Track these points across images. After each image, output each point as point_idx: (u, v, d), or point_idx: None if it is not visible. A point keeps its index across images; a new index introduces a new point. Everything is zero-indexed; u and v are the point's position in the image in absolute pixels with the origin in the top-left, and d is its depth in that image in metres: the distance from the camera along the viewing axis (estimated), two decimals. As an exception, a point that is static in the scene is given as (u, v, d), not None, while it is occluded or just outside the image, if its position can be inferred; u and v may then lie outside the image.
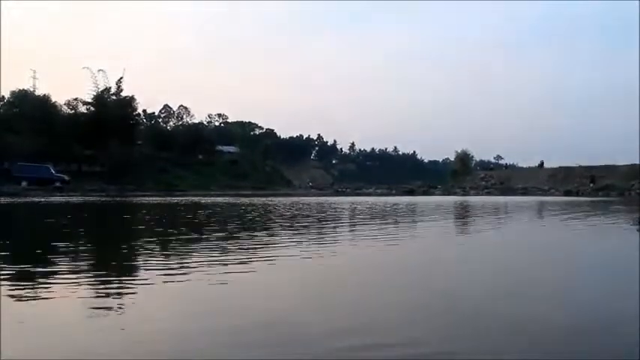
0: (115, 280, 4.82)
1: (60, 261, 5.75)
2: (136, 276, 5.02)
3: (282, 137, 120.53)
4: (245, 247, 7.55)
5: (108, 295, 4.13)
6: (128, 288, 4.39)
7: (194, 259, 5.86)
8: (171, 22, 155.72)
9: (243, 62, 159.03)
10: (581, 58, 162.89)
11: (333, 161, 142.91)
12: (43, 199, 23.07)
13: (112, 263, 5.90)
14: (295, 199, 27.63)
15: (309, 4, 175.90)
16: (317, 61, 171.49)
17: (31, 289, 4.33)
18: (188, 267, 5.35)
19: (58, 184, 36.31)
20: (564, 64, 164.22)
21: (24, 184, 33.89)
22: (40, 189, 32.08)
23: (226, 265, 5.62)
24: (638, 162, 45.68)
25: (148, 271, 5.10)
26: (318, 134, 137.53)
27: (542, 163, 63.22)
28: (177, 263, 5.68)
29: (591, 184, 46.15)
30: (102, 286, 4.42)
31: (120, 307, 3.70)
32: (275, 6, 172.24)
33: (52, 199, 24.01)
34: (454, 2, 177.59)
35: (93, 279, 4.75)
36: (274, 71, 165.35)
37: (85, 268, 5.39)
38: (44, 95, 50.53)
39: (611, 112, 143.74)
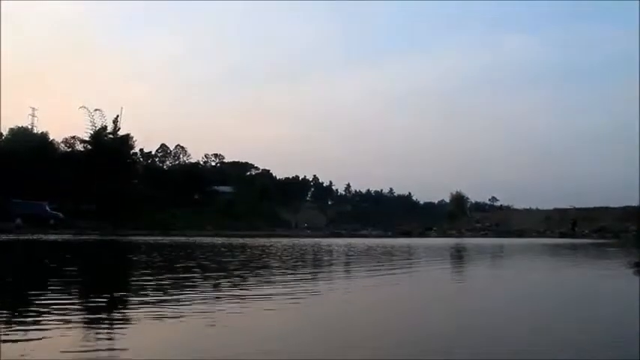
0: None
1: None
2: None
3: (278, 178, 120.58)
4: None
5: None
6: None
7: (188, 304, 5.82)
8: (168, 62, 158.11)
9: (241, 103, 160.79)
10: (576, 99, 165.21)
11: (329, 202, 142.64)
12: (34, 237, 22.93)
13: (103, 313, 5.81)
14: (287, 240, 27.39)
15: (308, 43, 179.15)
16: (314, 102, 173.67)
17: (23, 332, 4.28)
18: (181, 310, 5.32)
19: (52, 221, 36.07)
20: (559, 105, 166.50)
21: (18, 221, 33.63)
22: (34, 226, 31.85)
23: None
24: (631, 204, 45.99)
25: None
26: (314, 175, 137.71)
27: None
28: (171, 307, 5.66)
29: (574, 228, 46.86)
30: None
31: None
32: (274, 46, 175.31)
33: (44, 236, 23.86)
34: (450, 47, 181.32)
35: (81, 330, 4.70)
36: (271, 111, 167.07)
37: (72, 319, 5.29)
38: (42, 133, 50.92)
39: (607, 154, 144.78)
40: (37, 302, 5.72)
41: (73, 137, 53.02)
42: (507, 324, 5.29)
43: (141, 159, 74.46)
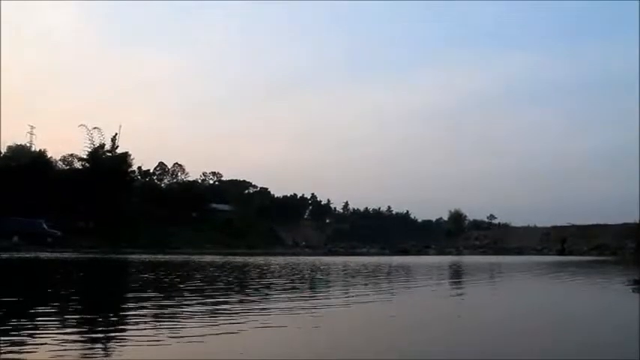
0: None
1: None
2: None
3: (276, 196, 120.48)
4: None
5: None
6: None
7: (184, 327, 5.79)
8: (166, 82, 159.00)
9: (239, 121, 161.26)
10: (575, 117, 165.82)
11: (327, 220, 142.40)
12: (31, 255, 22.83)
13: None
14: (286, 259, 27.18)
15: (307, 62, 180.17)
16: (312, 120, 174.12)
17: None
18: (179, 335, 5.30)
19: (49, 239, 35.93)
20: (558, 123, 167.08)
21: (15, 238, 33.53)
22: (32, 244, 31.73)
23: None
24: (630, 221, 46.06)
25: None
26: (312, 194, 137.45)
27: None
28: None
29: (564, 246, 46.97)
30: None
31: None
32: (273, 64, 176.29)
33: (42, 254, 23.75)
34: (449, 65, 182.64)
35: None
36: (270, 129, 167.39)
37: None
38: (40, 150, 51.05)
39: (605, 171, 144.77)
40: (28, 323, 5.67)
41: (71, 155, 53.19)
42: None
43: (139, 177, 74.40)
